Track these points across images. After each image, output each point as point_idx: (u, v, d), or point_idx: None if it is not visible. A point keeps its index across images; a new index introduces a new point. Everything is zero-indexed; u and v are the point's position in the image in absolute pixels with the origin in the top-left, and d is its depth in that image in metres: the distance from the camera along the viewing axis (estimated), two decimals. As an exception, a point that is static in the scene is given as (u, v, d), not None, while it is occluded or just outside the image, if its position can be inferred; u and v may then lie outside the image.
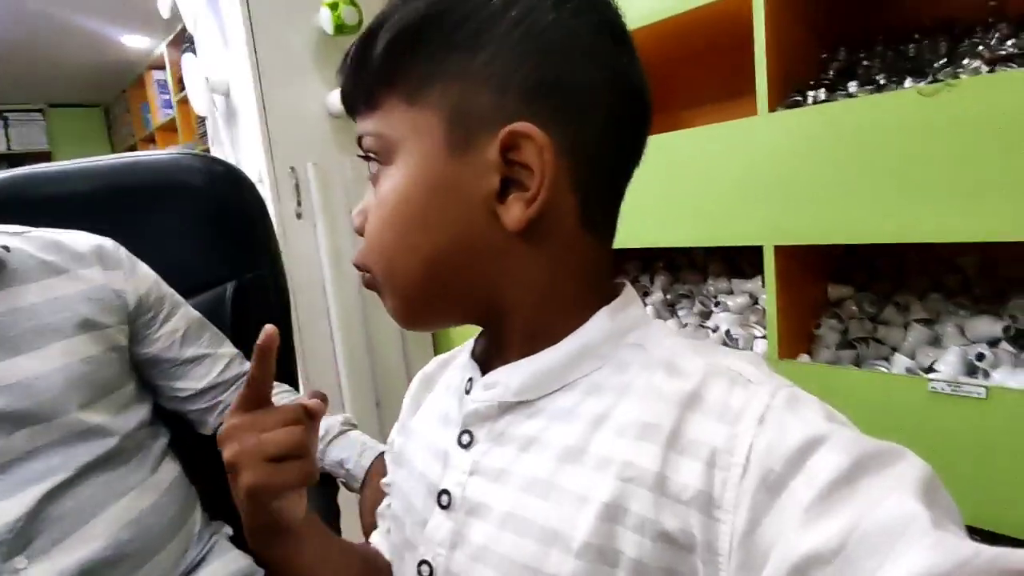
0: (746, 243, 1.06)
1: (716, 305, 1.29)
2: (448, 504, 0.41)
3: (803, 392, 0.34)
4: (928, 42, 1.01)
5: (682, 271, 1.46)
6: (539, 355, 0.39)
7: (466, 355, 0.46)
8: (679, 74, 1.43)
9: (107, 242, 0.78)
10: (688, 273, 1.43)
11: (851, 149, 0.91)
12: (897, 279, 1.13)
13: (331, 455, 0.80)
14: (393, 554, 0.51)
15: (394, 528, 0.49)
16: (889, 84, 0.97)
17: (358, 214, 0.42)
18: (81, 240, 0.76)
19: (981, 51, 0.89)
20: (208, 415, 0.82)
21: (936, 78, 0.90)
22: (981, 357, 0.90)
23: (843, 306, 1.13)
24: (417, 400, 0.52)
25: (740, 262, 1.35)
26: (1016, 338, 0.91)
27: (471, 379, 0.43)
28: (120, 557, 0.67)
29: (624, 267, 1.54)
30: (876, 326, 1.08)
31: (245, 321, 0.95)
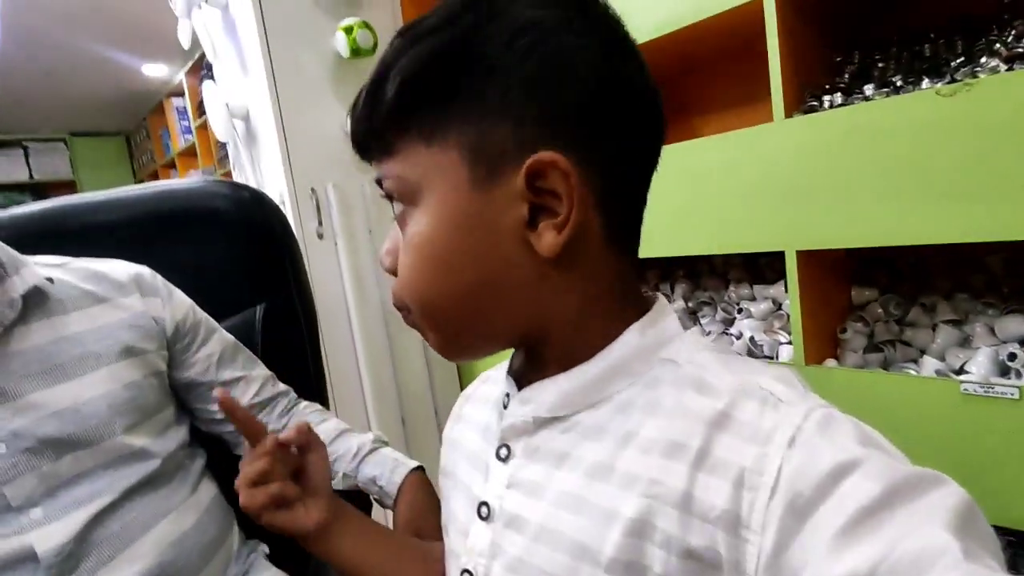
0: (767, 249, 1.06)
1: (739, 312, 1.29)
2: (487, 516, 0.43)
3: (838, 413, 0.33)
4: (944, 41, 1.01)
5: (703, 278, 1.45)
6: (572, 372, 0.40)
7: (503, 370, 0.47)
8: (694, 82, 1.43)
9: (144, 270, 0.80)
10: (709, 280, 1.43)
11: (870, 152, 0.91)
12: (921, 280, 1.12)
13: (364, 472, 0.81)
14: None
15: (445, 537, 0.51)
16: (906, 85, 0.97)
17: (387, 254, 0.43)
18: (120, 269, 0.78)
19: (998, 49, 0.89)
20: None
21: (954, 78, 0.90)
22: (1013, 357, 0.88)
23: (868, 309, 1.12)
24: (458, 415, 0.54)
25: (762, 267, 1.35)
26: (1048, 336, 0.90)
27: (508, 394, 0.44)
28: (165, 577, 0.68)
29: (644, 276, 1.54)
30: (903, 328, 1.07)
31: (275, 342, 0.97)
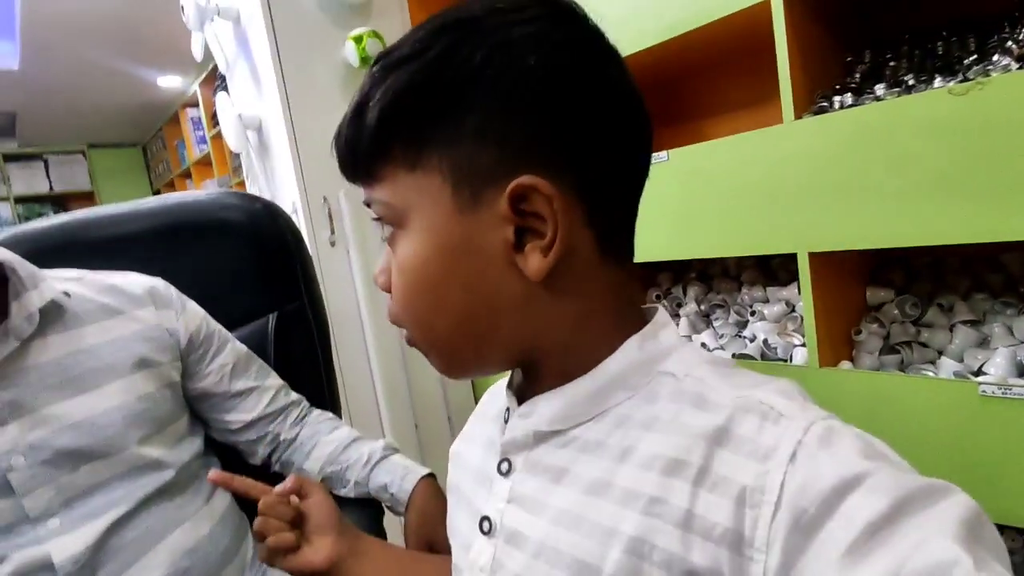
0: (779, 251, 1.05)
1: (752, 314, 1.28)
2: (489, 530, 0.42)
3: (840, 424, 0.33)
4: (956, 39, 1.00)
5: (715, 280, 1.44)
6: (570, 385, 0.40)
7: (503, 383, 0.47)
8: (702, 85, 1.43)
9: (159, 282, 0.81)
10: (721, 282, 1.42)
11: (882, 153, 0.90)
12: (937, 280, 1.10)
13: (375, 480, 0.82)
14: None
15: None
16: (918, 84, 0.96)
17: (380, 273, 0.43)
18: (135, 282, 0.80)
19: (1010, 47, 0.87)
20: (257, 445, 0.85)
21: (966, 76, 0.89)
22: (1032, 357, 0.87)
23: (884, 310, 1.11)
24: (465, 432, 0.54)
25: (774, 268, 1.33)
26: (1068, 336, 0.89)
27: (509, 408, 0.44)
28: (180, 586, 0.69)
29: (656, 279, 1.53)
30: (919, 329, 1.06)
31: (288, 351, 0.98)
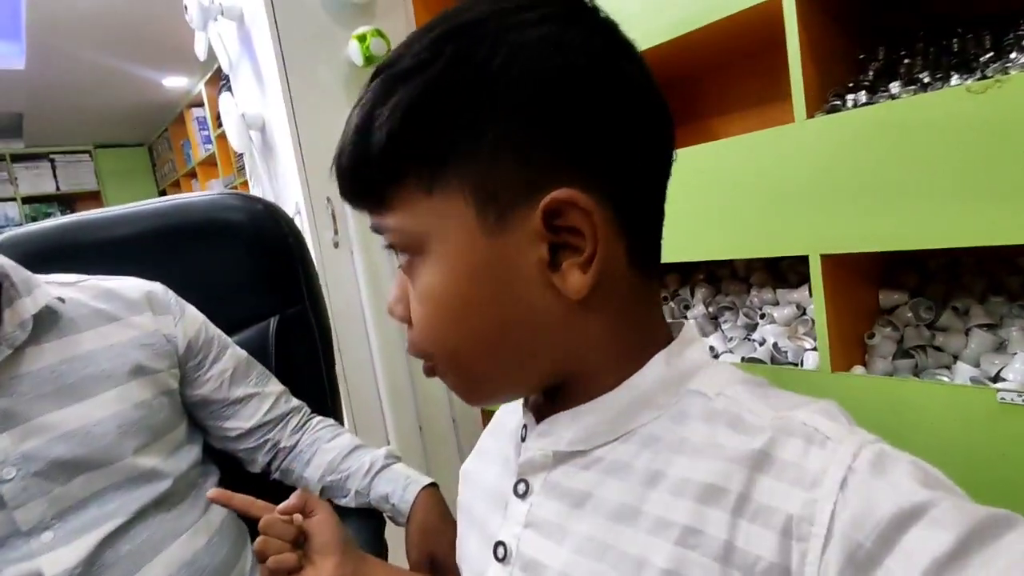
0: (791, 253, 1.03)
1: (761, 317, 1.25)
2: (504, 557, 0.40)
3: (891, 448, 0.30)
4: (971, 36, 0.97)
5: (724, 282, 1.41)
6: (593, 403, 0.38)
7: (519, 400, 0.45)
8: (713, 83, 1.40)
9: (157, 287, 0.80)
10: (730, 284, 1.39)
11: (896, 153, 0.87)
12: (952, 282, 1.08)
13: (376, 490, 0.80)
14: None
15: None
16: (934, 82, 0.93)
17: (396, 302, 0.40)
18: (132, 287, 0.78)
19: (1029, 43, 0.85)
20: (256, 453, 0.83)
21: (984, 74, 0.86)
22: (1052, 363, 0.85)
23: (897, 313, 1.08)
24: (478, 448, 0.52)
25: (784, 270, 1.31)
26: (1090, 341, 0.86)
27: (526, 426, 0.42)
28: (177, 599, 0.67)
29: (664, 281, 1.51)
30: (934, 333, 1.03)
31: (289, 354, 0.96)
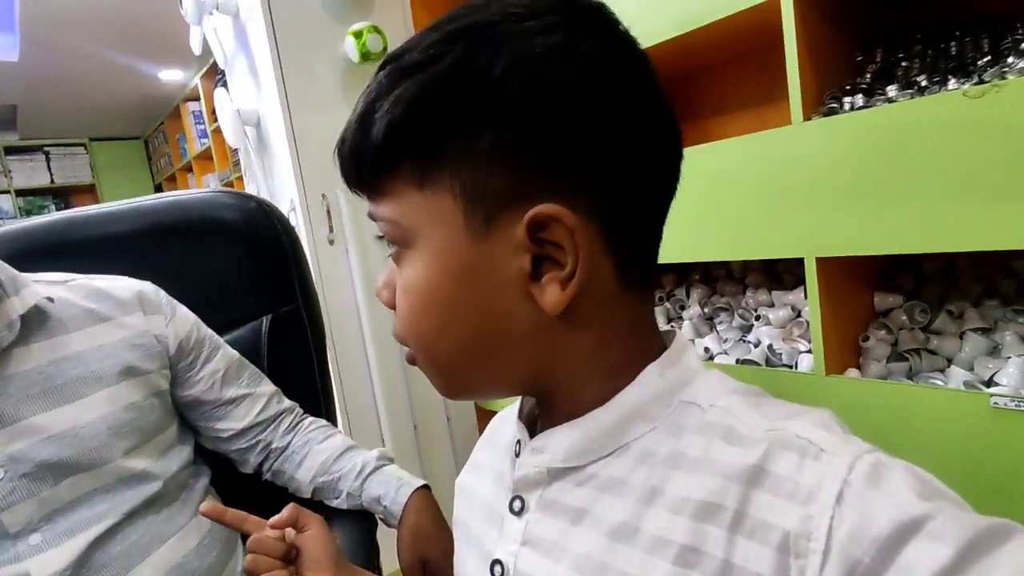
0: (787, 255, 1.03)
1: (757, 319, 1.25)
2: (501, 575, 0.40)
3: (887, 458, 0.30)
4: (969, 40, 0.97)
5: (719, 283, 1.41)
6: (585, 418, 0.37)
7: (514, 414, 0.44)
8: (709, 84, 1.40)
9: (148, 287, 0.79)
10: (726, 285, 1.39)
11: (893, 157, 0.87)
12: (948, 285, 1.08)
13: (368, 491, 0.80)
14: None
15: None
16: (931, 86, 0.93)
17: (384, 287, 0.40)
18: (123, 286, 0.77)
19: (1027, 48, 0.85)
20: (248, 454, 0.82)
21: (982, 79, 0.86)
22: (1046, 369, 0.85)
23: (892, 316, 1.08)
24: (472, 461, 0.51)
25: (780, 272, 1.31)
26: (1084, 347, 0.86)
27: (520, 440, 0.42)
28: (166, 602, 0.67)
29: (659, 281, 1.51)
30: (929, 337, 1.03)
31: (281, 354, 0.96)
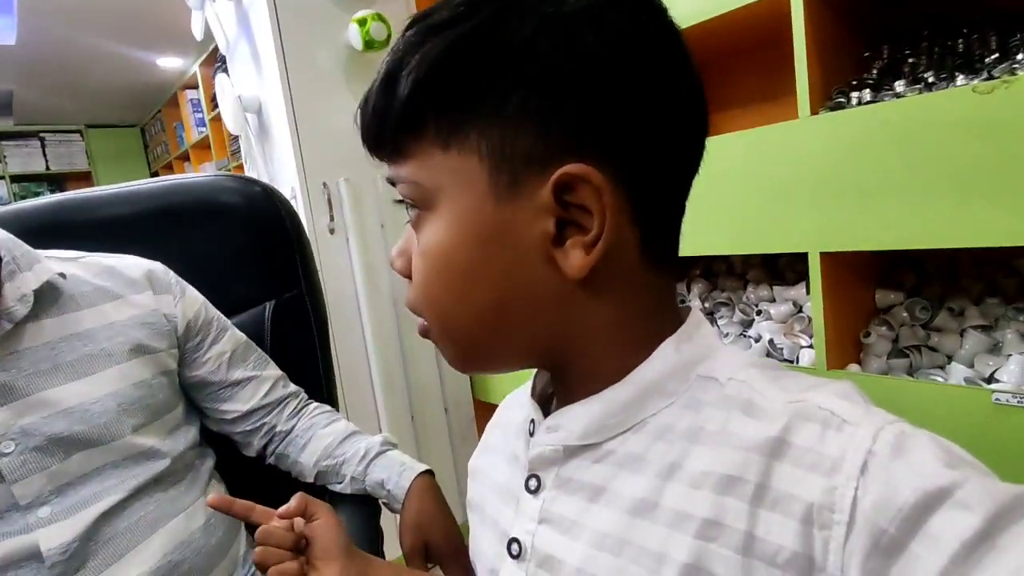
0: (790, 250, 1.03)
1: (758, 313, 1.26)
2: (519, 554, 0.39)
3: (912, 428, 0.29)
4: (977, 36, 0.97)
5: (720, 278, 1.42)
6: (602, 395, 0.37)
7: (526, 394, 0.44)
8: (716, 77, 1.40)
9: (157, 266, 0.79)
10: (727, 280, 1.40)
11: (900, 152, 0.87)
12: (949, 282, 1.08)
13: (371, 476, 0.80)
14: None
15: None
16: (938, 82, 0.93)
17: (399, 255, 0.39)
18: (133, 265, 0.77)
19: (1035, 45, 0.85)
20: (252, 437, 0.82)
21: (991, 74, 0.86)
22: (1047, 365, 0.85)
23: (893, 312, 1.09)
24: (484, 443, 0.51)
25: (781, 267, 1.31)
26: (1084, 344, 0.87)
27: (534, 420, 0.41)
28: (171, 580, 0.67)
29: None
30: (929, 333, 1.04)
31: (285, 339, 0.95)
